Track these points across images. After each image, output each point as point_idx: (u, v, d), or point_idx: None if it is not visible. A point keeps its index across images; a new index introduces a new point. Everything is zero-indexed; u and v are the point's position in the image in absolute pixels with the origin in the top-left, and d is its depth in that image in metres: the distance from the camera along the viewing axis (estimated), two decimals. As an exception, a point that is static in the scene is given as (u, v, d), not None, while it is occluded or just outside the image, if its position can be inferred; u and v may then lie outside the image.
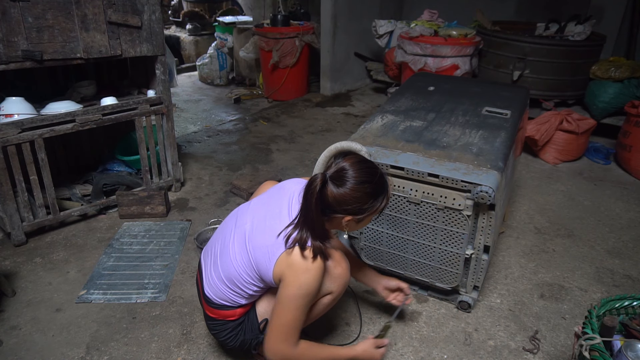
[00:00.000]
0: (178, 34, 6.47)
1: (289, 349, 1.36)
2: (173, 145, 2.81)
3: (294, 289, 1.29)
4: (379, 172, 1.35)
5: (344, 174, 1.29)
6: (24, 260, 2.22)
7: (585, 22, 3.85)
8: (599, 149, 3.58)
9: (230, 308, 1.47)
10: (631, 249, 2.43)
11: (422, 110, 2.25)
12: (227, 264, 1.42)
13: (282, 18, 4.75)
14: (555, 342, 1.80)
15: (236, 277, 1.40)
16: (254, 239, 1.38)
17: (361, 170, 1.30)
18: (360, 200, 1.30)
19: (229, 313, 1.47)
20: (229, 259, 1.42)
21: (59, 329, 1.82)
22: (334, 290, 1.48)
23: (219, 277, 1.45)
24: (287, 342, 1.35)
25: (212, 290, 1.47)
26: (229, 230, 1.48)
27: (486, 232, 1.75)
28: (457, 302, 1.95)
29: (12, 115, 2.16)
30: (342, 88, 5.29)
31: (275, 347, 1.36)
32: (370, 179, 1.31)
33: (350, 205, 1.30)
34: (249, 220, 1.43)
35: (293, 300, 1.31)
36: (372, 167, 1.34)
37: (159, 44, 2.53)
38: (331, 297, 1.50)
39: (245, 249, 1.39)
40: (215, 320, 1.50)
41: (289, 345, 1.36)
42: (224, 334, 1.51)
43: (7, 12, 1.97)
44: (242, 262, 1.39)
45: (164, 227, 2.53)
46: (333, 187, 1.29)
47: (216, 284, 1.45)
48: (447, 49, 3.88)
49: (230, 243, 1.44)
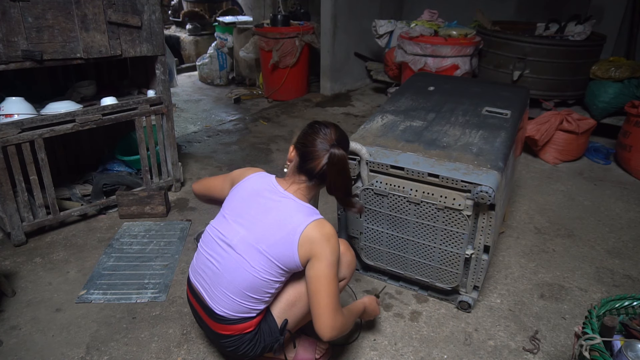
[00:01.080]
0: (178, 34, 6.47)
1: (342, 316, 1.40)
2: (173, 145, 2.81)
3: (327, 258, 1.34)
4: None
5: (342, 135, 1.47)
6: (24, 260, 2.22)
7: (585, 22, 3.84)
8: (599, 149, 3.58)
9: (247, 320, 1.43)
10: (631, 249, 2.43)
11: (422, 110, 2.25)
12: (243, 275, 1.39)
13: (282, 18, 4.75)
14: (555, 342, 1.81)
15: (259, 283, 1.38)
16: (264, 241, 1.38)
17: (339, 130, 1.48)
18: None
19: (246, 325, 1.44)
20: (244, 271, 1.38)
21: (59, 329, 1.82)
22: (347, 276, 1.58)
23: (232, 291, 1.40)
24: (338, 311, 1.38)
25: (223, 306, 1.43)
26: (218, 247, 1.45)
27: (486, 232, 1.75)
28: (457, 302, 1.95)
29: (12, 115, 2.16)
30: (342, 88, 5.29)
31: (333, 322, 1.36)
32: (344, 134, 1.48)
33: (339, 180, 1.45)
34: (239, 230, 1.42)
35: (330, 269, 1.35)
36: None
37: (159, 44, 2.53)
38: (344, 283, 1.59)
39: (260, 254, 1.37)
40: (231, 336, 1.46)
41: (340, 314, 1.39)
42: (243, 347, 1.46)
43: (7, 12, 1.97)
44: (262, 266, 1.37)
45: (164, 227, 2.53)
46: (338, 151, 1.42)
47: (230, 297, 1.41)
48: (447, 49, 3.88)
49: (236, 257, 1.40)
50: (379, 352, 1.74)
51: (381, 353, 1.74)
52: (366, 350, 1.75)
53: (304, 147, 1.43)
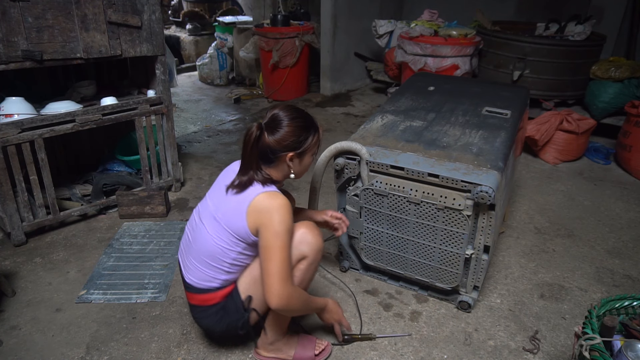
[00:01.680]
0: (178, 34, 6.47)
1: (291, 287, 1.42)
2: (173, 145, 2.81)
3: (274, 228, 1.37)
4: (305, 112, 1.58)
5: (276, 117, 1.49)
6: (24, 260, 2.22)
7: (585, 22, 3.85)
8: (599, 149, 3.58)
9: (210, 291, 1.52)
10: (631, 249, 2.43)
11: (422, 110, 2.25)
12: (203, 243, 1.50)
13: (282, 18, 4.75)
14: (555, 342, 1.81)
15: (215, 250, 1.48)
16: (220, 210, 1.48)
17: (290, 109, 1.52)
18: (295, 134, 1.49)
19: (210, 296, 1.52)
20: (203, 238, 1.50)
21: (59, 329, 1.82)
22: (308, 254, 1.53)
23: (197, 259, 1.52)
24: (287, 281, 1.40)
25: (192, 275, 1.54)
26: (195, 220, 1.58)
27: (486, 232, 1.75)
28: (457, 302, 1.95)
29: (12, 115, 2.16)
30: (342, 88, 5.29)
31: (279, 290, 1.38)
32: (299, 114, 1.52)
33: (288, 140, 1.48)
34: (209, 203, 1.55)
35: (277, 239, 1.38)
36: (299, 109, 1.56)
37: (159, 44, 2.53)
38: (307, 263, 1.54)
39: (216, 221, 1.48)
40: (198, 307, 1.56)
41: (290, 284, 1.41)
42: (208, 320, 1.56)
43: (7, 12, 1.97)
44: (217, 233, 1.47)
45: (164, 227, 2.53)
46: (270, 133, 1.47)
47: (195, 266, 1.52)
48: (447, 49, 3.88)
49: (200, 226, 1.53)
50: (379, 352, 1.74)
51: (381, 353, 1.74)
52: (366, 350, 1.75)
53: None
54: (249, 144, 1.46)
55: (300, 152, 1.53)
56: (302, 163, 1.58)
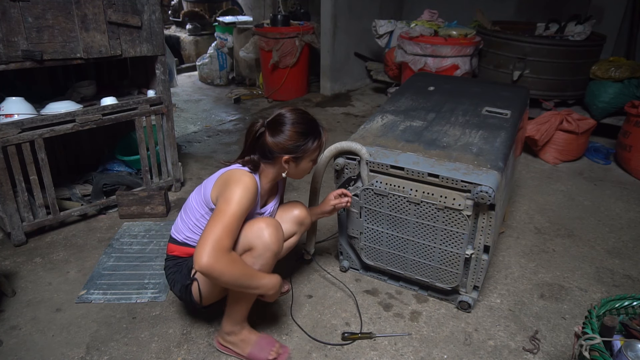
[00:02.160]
0: (178, 34, 6.47)
1: (224, 255, 1.34)
2: (173, 145, 2.81)
3: (230, 195, 1.42)
4: (311, 117, 1.61)
5: (279, 119, 1.54)
6: (24, 260, 2.22)
7: (585, 22, 3.85)
8: (599, 149, 3.58)
9: (176, 242, 1.66)
10: (631, 249, 2.43)
11: (422, 110, 2.25)
12: (187, 203, 1.66)
13: (282, 18, 4.75)
14: (555, 342, 1.81)
15: (189, 204, 1.64)
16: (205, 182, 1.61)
17: (295, 113, 1.56)
18: (293, 139, 1.53)
19: (174, 247, 1.67)
20: (188, 201, 1.66)
21: (59, 329, 1.82)
22: (255, 246, 1.49)
23: (180, 215, 1.68)
24: (222, 248, 1.33)
25: (173, 228, 1.70)
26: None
27: (486, 232, 1.75)
28: (457, 302, 1.95)
29: (12, 115, 2.16)
30: (342, 88, 5.29)
31: (208, 253, 1.30)
32: (302, 120, 1.56)
33: (286, 144, 1.52)
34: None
35: (228, 205, 1.40)
36: (305, 113, 1.60)
37: (159, 44, 2.53)
38: (252, 255, 1.49)
39: (199, 189, 1.62)
40: (167, 256, 1.71)
41: (224, 252, 1.34)
42: (167, 271, 1.69)
43: (7, 12, 1.97)
44: (196, 191, 1.63)
45: (164, 227, 2.53)
46: (271, 132, 1.52)
47: (177, 221, 1.69)
48: (447, 49, 3.88)
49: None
50: (379, 352, 1.74)
51: (381, 353, 1.74)
52: (366, 350, 1.75)
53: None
54: (249, 138, 1.55)
55: (296, 156, 1.57)
56: (299, 167, 1.62)
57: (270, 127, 1.53)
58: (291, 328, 1.84)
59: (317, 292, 2.06)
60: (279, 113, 1.55)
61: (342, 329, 1.85)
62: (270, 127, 1.53)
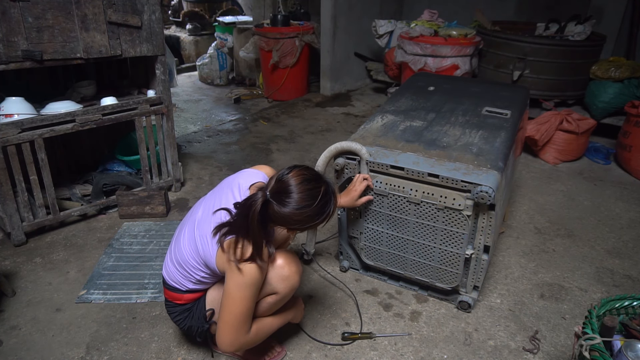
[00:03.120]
0: (178, 34, 6.47)
1: (242, 337, 1.41)
2: (173, 145, 2.81)
3: (238, 279, 1.32)
4: (321, 193, 1.32)
5: (286, 195, 1.29)
6: (24, 260, 2.22)
7: (585, 22, 3.84)
8: (599, 149, 3.58)
9: (178, 291, 1.52)
10: (631, 249, 2.43)
11: (422, 110, 2.25)
12: (179, 248, 1.49)
13: (282, 18, 4.75)
14: (555, 342, 1.81)
15: (184, 261, 1.46)
16: (200, 227, 1.43)
17: (304, 193, 1.30)
18: (300, 222, 1.33)
19: (177, 296, 1.54)
20: (180, 244, 1.49)
21: (59, 329, 1.82)
22: (279, 290, 1.48)
23: (172, 260, 1.52)
24: (238, 332, 1.39)
25: (166, 272, 1.56)
26: (187, 218, 1.56)
27: (486, 232, 1.75)
28: (457, 302, 1.95)
29: (12, 115, 2.16)
30: (342, 88, 5.29)
31: (229, 339, 1.39)
32: (311, 202, 1.31)
33: (290, 224, 1.34)
34: (201, 209, 1.50)
35: (238, 290, 1.34)
36: (316, 188, 1.32)
37: (159, 44, 2.53)
38: (276, 298, 1.49)
39: (193, 236, 1.45)
40: (167, 301, 1.59)
41: (241, 335, 1.41)
42: (174, 315, 1.58)
43: (7, 12, 1.97)
44: (190, 248, 1.45)
45: (164, 227, 2.53)
46: (275, 206, 1.29)
47: (169, 266, 1.54)
48: (447, 49, 3.88)
49: (184, 229, 1.51)
50: (379, 352, 1.74)
51: (381, 353, 1.74)
52: (366, 350, 1.75)
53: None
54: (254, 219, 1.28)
55: (301, 229, 1.39)
56: (302, 231, 1.47)
57: (277, 198, 1.30)
58: (291, 328, 1.84)
59: (317, 292, 2.06)
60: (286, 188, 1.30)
61: (342, 329, 1.85)
62: (277, 198, 1.30)
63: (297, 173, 1.32)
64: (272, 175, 1.36)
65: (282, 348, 1.73)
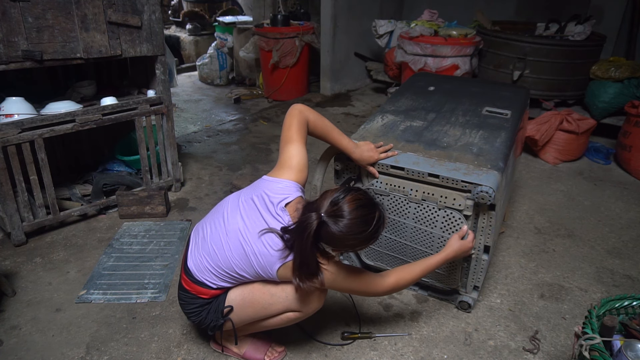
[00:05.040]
0: (178, 34, 6.47)
1: (383, 284, 1.54)
2: (173, 145, 2.81)
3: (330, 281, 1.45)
4: (375, 219, 1.34)
5: (340, 219, 1.30)
6: (24, 260, 2.22)
7: (585, 22, 3.84)
8: (599, 149, 3.58)
9: (206, 287, 1.49)
10: (631, 249, 2.43)
11: (422, 110, 2.25)
12: (222, 256, 1.45)
13: (282, 18, 4.75)
14: (555, 342, 1.81)
15: (231, 268, 1.45)
16: (253, 245, 1.40)
17: (358, 219, 1.31)
18: (350, 246, 1.37)
19: (204, 291, 1.50)
20: (224, 253, 1.44)
21: (59, 329, 1.82)
22: (303, 311, 1.53)
23: (206, 258, 1.48)
24: (376, 289, 1.53)
25: (196, 267, 1.50)
26: (220, 219, 1.50)
27: (486, 232, 1.75)
28: (457, 302, 1.95)
29: (12, 115, 2.16)
30: (342, 88, 5.29)
31: (379, 292, 1.56)
32: (365, 228, 1.32)
33: (340, 247, 1.38)
34: (239, 219, 1.45)
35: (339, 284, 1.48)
36: (370, 214, 1.34)
37: (159, 44, 2.53)
38: (297, 315, 1.54)
39: (243, 251, 1.42)
40: (188, 293, 1.52)
41: (380, 284, 1.53)
42: (190, 307, 1.54)
43: (7, 12, 1.97)
44: (240, 261, 1.43)
45: (164, 227, 2.53)
46: (329, 228, 1.31)
47: (203, 263, 1.48)
48: (447, 49, 3.88)
49: (223, 237, 1.46)
50: (379, 352, 1.74)
51: (381, 353, 1.74)
52: (366, 350, 1.75)
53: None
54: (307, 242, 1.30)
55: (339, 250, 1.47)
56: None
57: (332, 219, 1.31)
58: (291, 328, 1.84)
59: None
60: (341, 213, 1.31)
61: (342, 329, 1.85)
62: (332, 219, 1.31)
63: (353, 198, 1.33)
64: (325, 195, 1.36)
65: (282, 348, 1.73)
